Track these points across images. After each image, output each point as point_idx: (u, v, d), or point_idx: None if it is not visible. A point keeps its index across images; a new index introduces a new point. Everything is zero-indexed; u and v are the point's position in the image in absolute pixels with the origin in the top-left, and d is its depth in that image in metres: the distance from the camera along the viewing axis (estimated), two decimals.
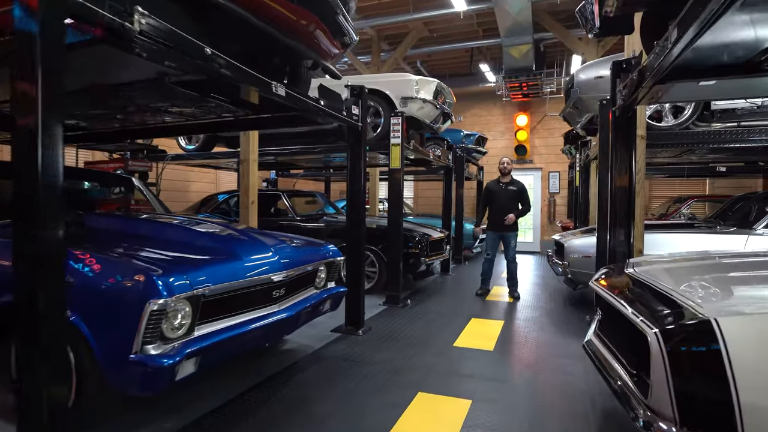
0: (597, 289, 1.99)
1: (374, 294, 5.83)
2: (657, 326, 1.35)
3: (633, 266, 2.33)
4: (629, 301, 1.61)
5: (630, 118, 3.45)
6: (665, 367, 1.31)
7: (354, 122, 4.09)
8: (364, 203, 4.27)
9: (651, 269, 2.04)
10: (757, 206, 5.86)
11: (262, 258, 2.77)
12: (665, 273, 1.98)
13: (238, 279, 2.46)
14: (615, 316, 1.87)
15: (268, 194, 7.23)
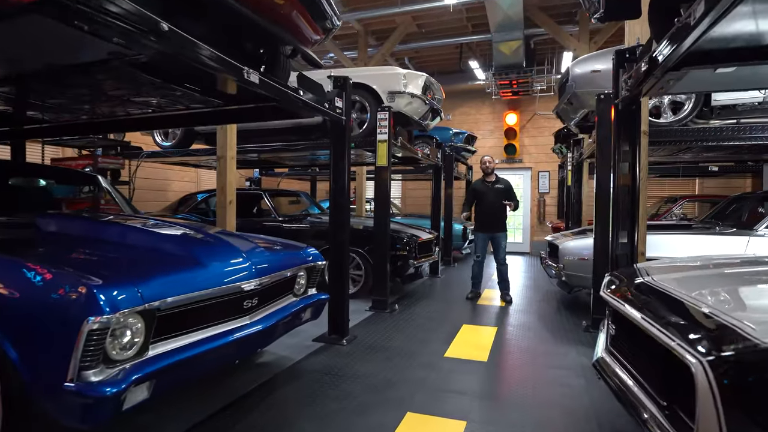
0: (612, 302, 1.72)
1: (360, 298, 5.54)
2: (703, 354, 1.09)
3: (646, 273, 2.07)
4: (660, 321, 1.34)
5: (634, 111, 3.22)
6: (716, 406, 1.05)
7: (337, 116, 3.80)
8: (349, 203, 3.98)
9: (672, 278, 1.80)
10: (756, 207, 5.71)
11: (232, 264, 2.46)
12: (693, 283, 1.73)
13: (202, 289, 2.15)
14: (635, 333, 1.60)
15: (248, 194, 6.89)
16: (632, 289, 1.83)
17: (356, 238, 5.60)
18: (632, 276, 2.15)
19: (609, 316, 2.10)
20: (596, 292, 4.43)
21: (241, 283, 2.40)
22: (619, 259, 3.32)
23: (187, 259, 2.30)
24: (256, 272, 2.54)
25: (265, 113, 3.74)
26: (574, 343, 4.05)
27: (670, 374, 1.30)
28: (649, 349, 1.45)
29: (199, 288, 2.14)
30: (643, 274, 2.08)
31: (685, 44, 2.02)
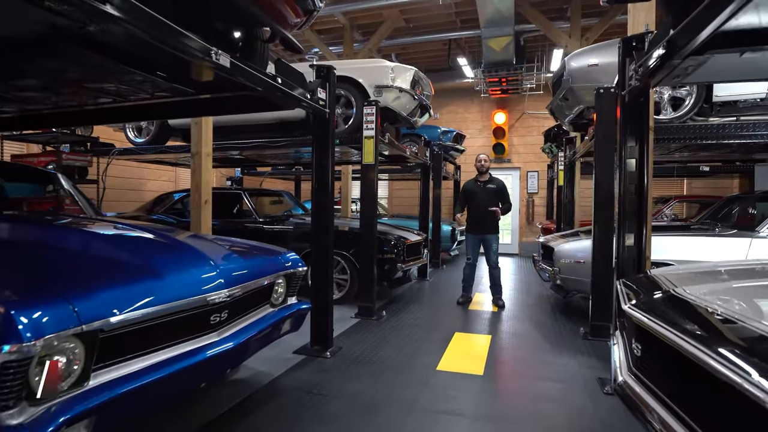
0: (646, 322, 1.45)
1: (345, 304, 5.23)
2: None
3: (672, 284, 1.81)
4: (722, 353, 1.07)
5: (642, 104, 2.97)
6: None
7: (320, 108, 3.49)
8: (333, 203, 3.68)
9: (710, 291, 1.54)
10: (753, 208, 5.54)
11: (196, 273, 2.13)
12: (742, 299, 1.46)
13: (158, 304, 1.82)
14: (675, 359, 1.33)
15: (227, 193, 6.53)
16: (665, 305, 1.57)
17: (341, 241, 5.30)
18: (655, 286, 1.88)
19: (629, 332, 1.83)
20: (596, 297, 4.19)
21: (207, 294, 2.07)
22: (625, 264, 3.07)
23: (142, 268, 1.97)
24: (226, 282, 2.22)
25: (241, 104, 3.42)
26: (573, 352, 3.80)
27: (736, 414, 1.03)
28: (701, 382, 1.18)
29: (154, 303, 1.82)
30: (668, 284, 1.82)
31: (715, 23, 1.76)
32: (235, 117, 5.92)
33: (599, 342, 4.07)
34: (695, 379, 1.17)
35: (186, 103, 3.38)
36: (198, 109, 3.62)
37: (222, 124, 5.95)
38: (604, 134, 4.15)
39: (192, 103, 3.43)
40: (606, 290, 4.20)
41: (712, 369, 1.06)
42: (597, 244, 4.20)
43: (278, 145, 5.50)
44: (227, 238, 3.24)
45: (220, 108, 3.62)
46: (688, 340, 1.18)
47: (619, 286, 2.20)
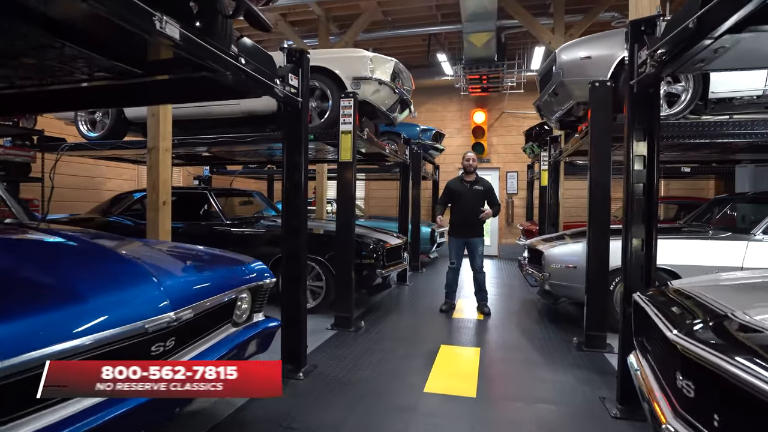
0: (723, 364, 1.11)
1: (320, 313, 4.83)
2: None
3: (726, 305, 1.48)
4: None
5: (652, 95, 2.68)
6: None
7: (292, 97, 3.08)
8: (306, 203, 3.27)
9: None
10: (744, 209, 5.40)
11: (134, 293, 1.71)
12: None
13: (75, 338, 1.40)
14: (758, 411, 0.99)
15: (190, 193, 6.03)
16: (735, 339, 1.23)
17: (316, 245, 4.90)
18: (700, 307, 1.56)
19: (668, 363, 1.50)
20: (591, 306, 3.91)
21: (146, 321, 1.65)
22: (633, 271, 2.78)
23: (59, 291, 1.53)
24: (173, 302, 1.79)
25: (202, 91, 2.99)
26: (569, 366, 3.50)
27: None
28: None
29: (69, 337, 1.39)
30: (719, 305, 1.50)
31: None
32: (199, 110, 5.44)
33: (595, 353, 3.79)
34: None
35: (135, 88, 2.91)
36: (151, 95, 3.16)
37: (185, 117, 5.47)
38: (600, 130, 3.87)
39: (143, 88, 2.96)
40: (601, 298, 3.94)
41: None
42: (592, 249, 3.92)
43: (247, 141, 5.05)
44: (183, 246, 2.80)
45: (177, 95, 3.17)
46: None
47: (645, 303, 1.87)
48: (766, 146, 5.17)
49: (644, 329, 2.05)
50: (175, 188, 7.17)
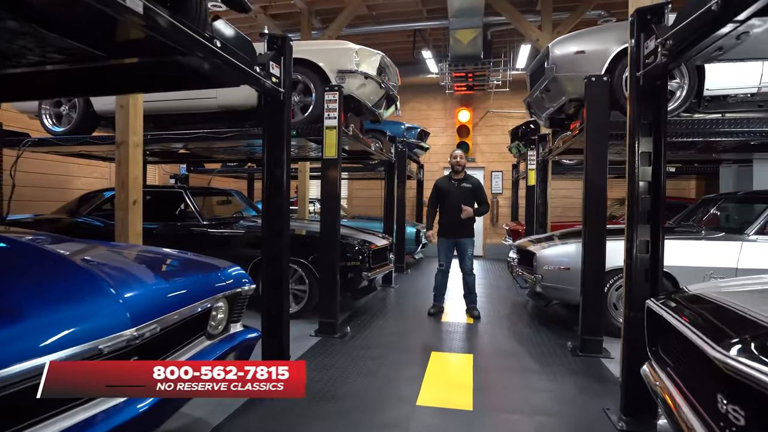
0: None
1: (303, 319, 4.59)
2: None
3: None
4: None
5: (659, 88, 2.52)
6: None
7: (273, 86, 2.83)
8: (288, 202, 3.03)
9: None
10: (734, 210, 5.34)
11: (85, 308, 1.46)
12: None
13: (5, 366, 1.14)
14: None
15: (165, 192, 5.72)
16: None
17: (299, 246, 4.65)
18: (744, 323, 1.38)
19: (705, 383, 1.32)
20: (586, 309, 3.76)
21: (99, 341, 1.40)
22: (637, 274, 2.62)
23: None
24: (134, 316, 1.55)
25: (174, 79, 2.73)
26: (567, 373, 3.34)
27: None
28: None
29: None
30: (755, 314, 1.32)
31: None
32: (173, 104, 5.14)
33: (591, 359, 3.64)
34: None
35: (99, 74, 2.64)
36: (118, 83, 2.88)
37: (158, 111, 5.17)
38: (596, 127, 3.72)
39: (108, 74, 2.70)
40: (597, 301, 3.79)
41: None
42: (588, 250, 3.77)
43: (225, 137, 4.76)
44: (152, 250, 2.54)
45: (146, 83, 2.90)
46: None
47: (667, 312, 1.69)
48: (755, 146, 5.15)
49: (662, 339, 1.88)
50: (148, 187, 6.84)
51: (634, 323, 2.63)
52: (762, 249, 4.12)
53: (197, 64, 2.32)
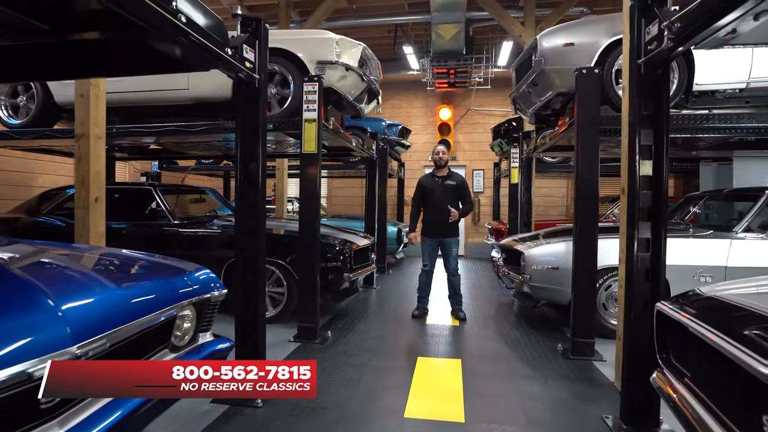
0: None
1: (281, 323, 4.35)
2: None
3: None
4: None
5: (660, 77, 2.38)
6: None
7: (247, 72, 2.59)
8: (264, 199, 2.79)
9: None
10: (720, 207, 5.31)
11: (13, 325, 1.20)
12: None
13: None
14: None
15: (132, 189, 5.39)
16: None
17: (276, 246, 4.41)
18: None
19: (750, 400, 1.15)
20: (578, 310, 3.62)
21: (29, 363, 1.15)
22: (637, 274, 2.48)
23: None
24: (76, 332, 1.30)
25: (133, 60, 2.47)
26: (559, 378, 3.19)
27: None
28: None
29: None
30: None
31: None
32: (141, 95, 4.83)
33: (583, 362, 3.50)
34: None
35: (49, 53, 2.37)
36: (71, 65, 2.59)
37: (125, 103, 4.85)
38: (587, 122, 3.58)
39: (60, 54, 2.42)
40: (589, 302, 3.66)
41: None
42: (579, 249, 3.64)
43: (197, 131, 4.47)
44: (110, 252, 2.28)
45: (104, 66, 2.62)
46: None
47: (687, 318, 1.53)
48: (735, 143, 5.12)
49: (676, 347, 1.72)
50: (114, 184, 6.47)
51: (635, 326, 2.49)
52: (751, 247, 4.07)
53: (160, 43, 2.07)
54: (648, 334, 2.49)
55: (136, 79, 4.76)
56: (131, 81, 4.77)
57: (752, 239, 4.09)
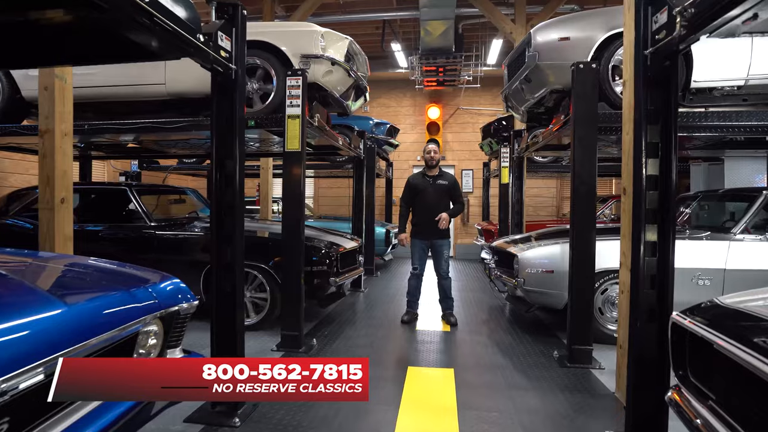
0: None
1: (264, 330, 4.15)
2: None
3: None
4: None
5: (668, 69, 2.22)
6: None
7: (222, 61, 2.37)
8: (242, 199, 2.57)
9: None
10: (715, 208, 5.21)
11: None
12: None
13: None
14: None
15: (104, 189, 5.11)
16: None
17: (259, 250, 4.21)
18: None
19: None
20: (575, 316, 3.46)
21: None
22: (643, 281, 2.32)
23: None
24: (3, 360, 1.08)
25: (95, 46, 2.24)
26: (558, 388, 3.03)
27: None
28: None
29: None
30: None
31: None
32: (114, 89, 4.57)
33: (581, 370, 3.35)
34: None
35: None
36: (27, 52, 2.35)
37: (97, 98, 4.60)
38: (584, 118, 3.43)
39: (14, 39, 2.18)
40: (587, 307, 3.50)
41: None
42: (576, 252, 3.48)
43: (174, 128, 4.23)
44: (66, 259, 2.04)
45: (63, 53, 2.39)
46: None
47: (714, 334, 1.36)
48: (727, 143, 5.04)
49: (697, 364, 1.55)
50: (85, 184, 6.18)
51: (641, 336, 2.32)
52: (749, 249, 3.96)
53: (122, 26, 1.85)
54: (654, 345, 2.35)
55: (109, 73, 4.51)
56: (103, 74, 4.52)
57: (751, 241, 3.99)
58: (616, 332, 4.08)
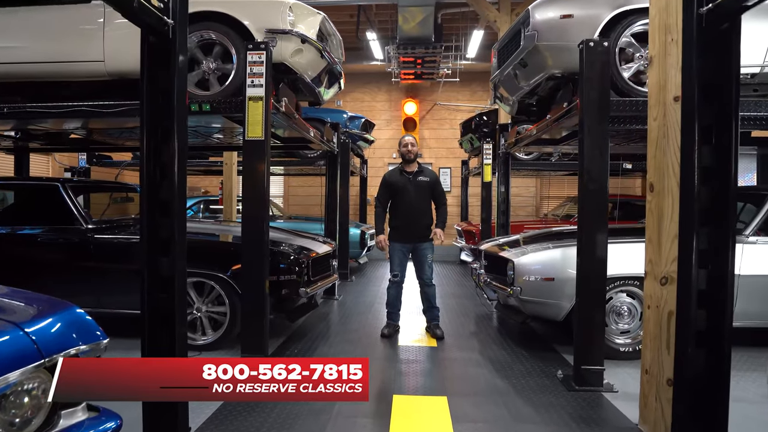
0: None
1: (224, 349, 3.57)
2: None
3: None
4: None
5: (727, 33, 1.76)
6: None
7: (153, 12, 1.78)
8: (184, 198, 1.98)
9: None
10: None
11: None
12: None
13: None
14: None
15: (30, 186, 4.37)
16: None
17: (216, 255, 3.63)
18: None
19: None
20: (582, 332, 3.01)
21: None
22: (691, 298, 1.87)
23: None
24: None
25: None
26: (571, 419, 2.56)
27: None
28: None
29: None
30: None
31: None
32: (44, 67, 3.88)
33: (591, 394, 2.90)
34: None
35: None
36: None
37: (25, 77, 3.93)
38: (594, 103, 2.97)
39: None
40: (597, 321, 3.04)
41: None
42: (584, 257, 3.02)
43: (110, 112, 3.57)
44: None
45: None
46: None
47: None
48: None
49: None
50: (2, 179, 5.36)
51: (690, 366, 1.87)
52: (764, 252, 3.62)
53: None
54: (704, 374, 1.91)
55: (38, 48, 3.83)
56: (31, 49, 3.83)
57: (765, 243, 3.65)
58: (624, 347, 3.74)
